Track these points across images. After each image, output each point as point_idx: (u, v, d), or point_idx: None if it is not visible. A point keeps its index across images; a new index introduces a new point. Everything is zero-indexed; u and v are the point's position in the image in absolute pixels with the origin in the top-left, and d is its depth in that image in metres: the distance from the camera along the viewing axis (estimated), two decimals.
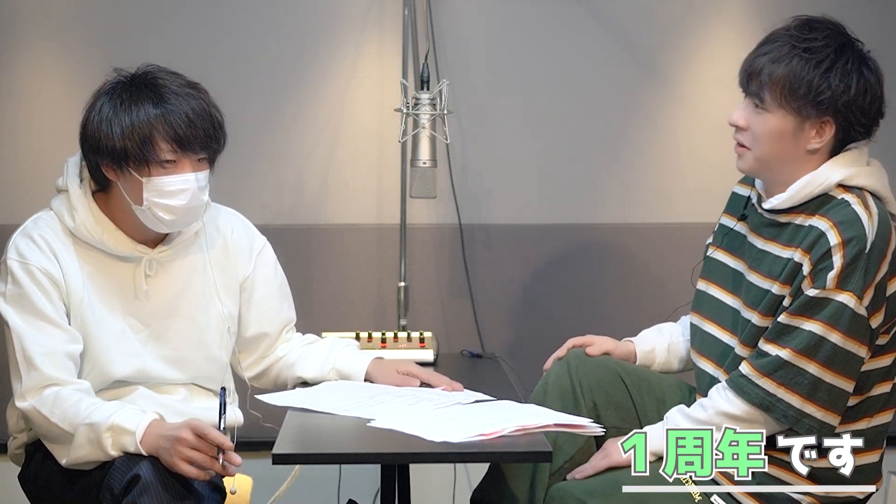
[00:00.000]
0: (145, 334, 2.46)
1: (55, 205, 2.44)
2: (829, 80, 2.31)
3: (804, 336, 2.28)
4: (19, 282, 2.35)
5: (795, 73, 2.31)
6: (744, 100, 2.40)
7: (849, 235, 2.26)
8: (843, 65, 2.32)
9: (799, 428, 2.29)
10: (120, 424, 2.21)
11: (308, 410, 2.35)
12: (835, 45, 2.33)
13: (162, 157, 2.35)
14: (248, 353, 2.64)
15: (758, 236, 2.44)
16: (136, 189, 2.37)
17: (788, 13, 3.70)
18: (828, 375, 2.28)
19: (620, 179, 3.66)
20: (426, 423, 2.20)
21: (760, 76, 2.35)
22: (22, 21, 3.54)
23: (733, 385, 2.35)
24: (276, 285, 2.64)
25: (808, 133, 2.34)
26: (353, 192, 3.63)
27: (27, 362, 2.31)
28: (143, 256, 2.44)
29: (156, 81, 2.38)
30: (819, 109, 2.32)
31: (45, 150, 3.57)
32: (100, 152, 2.37)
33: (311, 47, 3.59)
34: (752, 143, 2.38)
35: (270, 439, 2.15)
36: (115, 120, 2.35)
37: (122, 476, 2.19)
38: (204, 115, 2.38)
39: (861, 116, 2.33)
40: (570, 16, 3.62)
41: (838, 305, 2.26)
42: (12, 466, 2.55)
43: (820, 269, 2.27)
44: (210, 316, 2.52)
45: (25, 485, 2.48)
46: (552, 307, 3.64)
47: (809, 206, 2.35)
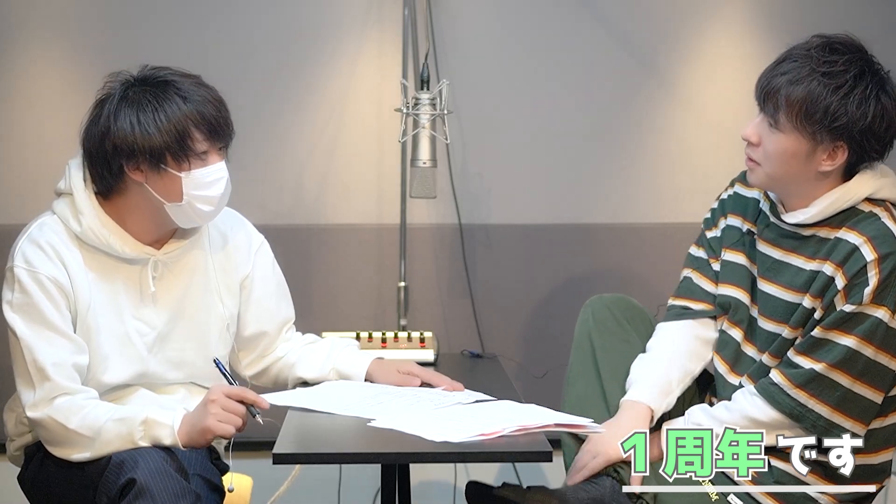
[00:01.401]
0: (151, 337, 2.45)
1: (58, 209, 2.42)
2: (846, 107, 2.28)
3: (839, 350, 2.28)
4: (27, 291, 2.33)
5: (813, 96, 2.29)
6: (758, 114, 2.38)
7: (884, 251, 2.26)
8: (861, 90, 2.29)
9: (827, 437, 2.29)
10: (154, 419, 2.26)
11: (308, 410, 2.35)
12: (855, 71, 2.30)
13: (198, 148, 2.36)
14: (248, 351, 2.64)
15: (774, 247, 2.43)
16: (171, 186, 2.36)
17: (788, 13, 3.72)
18: (858, 387, 2.29)
19: (620, 179, 3.66)
20: (426, 423, 2.20)
21: (777, 96, 2.32)
22: (22, 21, 3.54)
23: (763, 392, 2.35)
24: (273, 284, 2.64)
25: (819, 156, 2.33)
26: (353, 192, 3.63)
27: (39, 373, 2.29)
28: (150, 258, 2.44)
29: (168, 78, 2.38)
30: (834, 135, 2.30)
31: (45, 151, 3.57)
32: (132, 155, 2.34)
33: (311, 47, 3.59)
34: (763, 160, 2.37)
35: (270, 439, 2.15)
36: (146, 120, 2.33)
37: (116, 479, 2.19)
38: (222, 104, 2.41)
39: (876, 143, 2.32)
40: (570, 16, 3.62)
41: (874, 321, 2.26)
42: (11, 468, 2.55)
43: (855, 284, 2.27)
44: (211, 316, 2.52)
45: (24, 486, 2.47)
46: (552, 307, 3.64)
47: (834, 220, 2.34)
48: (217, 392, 2.27)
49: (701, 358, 2.54)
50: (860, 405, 2.30)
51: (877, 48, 2.38)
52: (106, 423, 2.26)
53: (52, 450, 2.32)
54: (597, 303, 2.64)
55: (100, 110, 2.38)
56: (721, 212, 2.58)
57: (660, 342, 2.55)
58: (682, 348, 2.53)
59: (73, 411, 2.28)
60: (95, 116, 2.39)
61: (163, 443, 2.26)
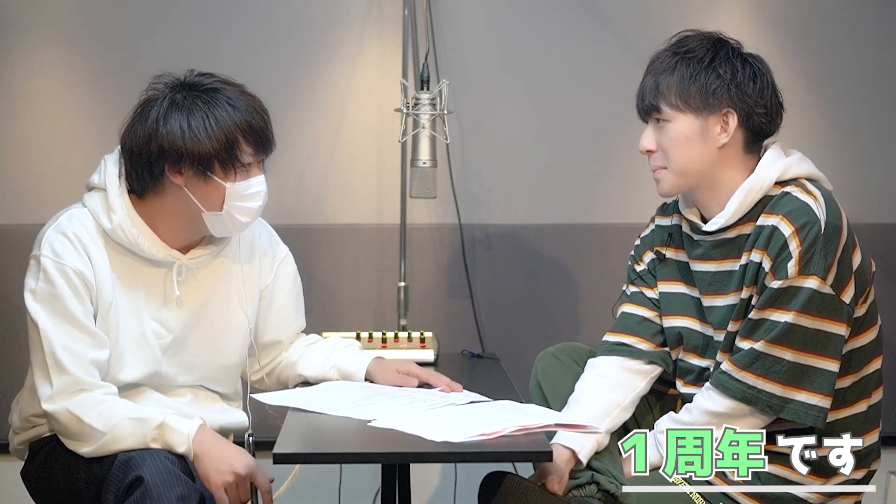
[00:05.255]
0: (168, 340, 2.45)
1: (90, 203, 2.41)
2: (716, 71, 2.37)
3: (775, 326, 2.30)
4: (53, 281, 2.32)
5: (683, 75, 2.38)
6: (646, 127, 2.45)
7: (801, 222, 2.30)
8: (724, 56, 2.39)
9: (787, 415, 2.31)
10: (171, 425, 2.26)
11: (303, 410, 2.35)
12: (711, 43, 2.41)
13: (245, 159, 2.37)
14: (260, 358, 2.64)
15: (707, 261, 2.44)
16: (214, 196, 2.37)
17: (788, 13, 3.72)
18: (805, 358, 2.30)
19: (620, 179, 3.66)
20: (427, 423, 2.20)
21: (654, 91, 2.41)
22: (22, 21, 3.54)
23: (715, 383, 2.37)
24: (294, 296, 2.66)
25: (713, 130, 2.38)
26: (353, 192, 3.63)
27: (57, 365, 2.29)
28: (175, 262, 2.44)
29: (216, 86, 2.38)
30: (715, 100, 2.37)
31: (45, 151, 3.57)
32: (178, 159, 2.33)
33: (311, 47, 3.59)
34: (665, 160, 2.42)
35: (271, 439, 2.15)
36: (197, 125, 2.33)
37: (123, 476, 2.19)
38: (267, 115, 2.42)
39: (758, 98, 2.37)
40: (570, 16, 3.63)
41: (804, 291, 2.28)
42: (14, 464, 2.55)
43: (780, 261, 2.30)
44: (230, 324, 2.53)
45: (28, 481, 2.48)
46: (552, 307, 3.64)
47: (753, 213, 2.37)
48: (254, 469, 2.28)
49: (630, 387, 2.53)
50: (811, 376, 2.30)
51: (877, 48, 2.39)
52: (122, 421, 2.26)
53: (66, 442, 2.31)
54: (542, 357, 2.66)
55: (146, 111, 2.37)
56: (645, 247, 2.61)
57: (586, 380, 2.55)
58: (607, 382, 2.53)
59: (91, 406, 2.28)
60: (142, 117, 2.37)
61: (175, 450, 2.25)
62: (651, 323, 2.55)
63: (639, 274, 2.59)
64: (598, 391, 2.51)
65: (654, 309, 2.56)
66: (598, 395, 2.50)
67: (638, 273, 2.60)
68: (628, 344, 2.54)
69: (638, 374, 2.53)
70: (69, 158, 3.54)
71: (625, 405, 2.51)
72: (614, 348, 2.55)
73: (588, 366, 2.57)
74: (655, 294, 2.56)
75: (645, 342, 2.54)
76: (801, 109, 3.58)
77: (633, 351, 2.53)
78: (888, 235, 3.65)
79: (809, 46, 3.65)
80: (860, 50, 3.65)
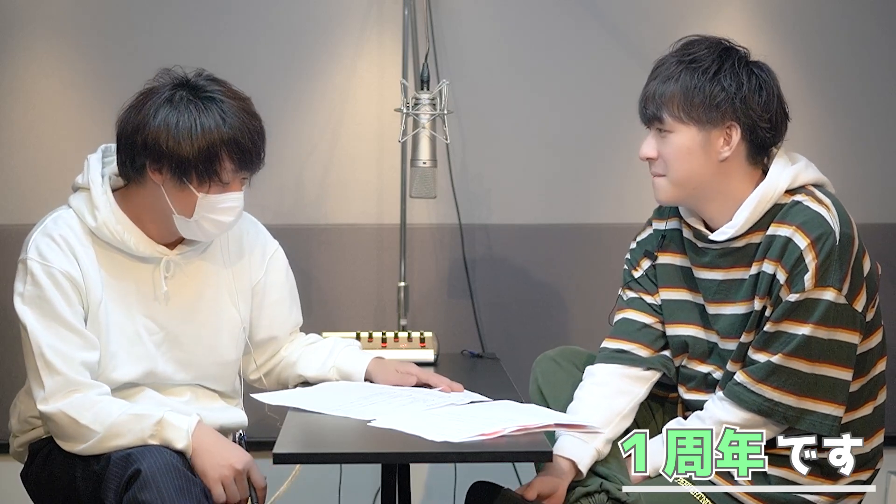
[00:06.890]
0: (160, 336, 2.45)
1: (75, 203, 2.41)
2: (720, 83, 2.33)
3: (792, 339, 2.29)
4: (40, 284, 2.32)
5: (687, 85, 2.34)
6: (648, 133, 2.42)
7: (816, 234, 2.28)
8: (730, 66, 2.34)
9: (802, 426, 2.30)
10: (169, 421, 2.26)
11: (302, 410, 2.35)
12: (718, 51, 2.36)
13: (224, 177, 2.35)
14: (256, 355, 2.64)
15: (714, 269, 2.43)
16: (186, 201, 2.35)
17: (789, 13, 3.72)
18: (820, 369, 2.29)
19: (620, 179, 3.66)
20: (427, 423, 2.19)
21: (657, 100, 2.36)
22: (22, 21, 3.54)
23: (730, 394, 2.35)
24: (287, 290, 2.65)
25: (715, 143, 2.35)
26: (353, 192, 3.63)
27: (47, 367, 2.29)
28: (163, 257, 2.43)
29: (215, 95, 2.35)
30: (719, 113, 2.33)
31: (45, 151, 3.57)
32: (159, 158, 2.32)
33: (311, 47, 3.59)
34: (665, 169, 2.39)
35: (270, 439, 2.15)
36: (183, 129, 2.30)
37: (122, 471, 2.19)
38: (261, 137, 2.39)
39: (763, 112, 2.34)
40: (569, 16, 3.62)
41: (821, 304, 2.27)
42: (13, 466, 2.55)
43: (795, 273, 2.28)
44: (223, 320, 2.52)
45: (27, 483, 2.48)
46: (552, 307, 3.64)
47: (763, 221, 2.35)
48: (251, 465, 2.29)
49: (630, 395, 2.50)
50: (826, 386, 2.29)
51: (877, 48, 2.39)
52: (119, 417, 2.27)
53: (60, 443, 2.32)
54: (542, 360, 2.65)
55: (144, 101, 2.36)
56: (641, 252, 2.58)
57: (585, 388, 2.53)
58: (607, 390, 2.50)
59: (86, 406, 2.28)
60: (138, 105, 2.36)
61: (174, 446, 2.25)
62: (652, 329, 2.53)
63: (637, 279, 2.57)
64: (599, 400, 2.49)
65: (654, 315, 2.54)
66: (599, 405, 2.48)
67: (636, 278, 2.58)
68: (628, 351, 2.52)
69: (638, 380, 2.51)
70: (69, 158, 3.53)
71: (625, 413, 2.49)
72: (614, 355, 2.53)
73: (586, 374, 2.55)
74: (656, 300, 2.54)
75: (645, 349, 2.52)
76: (801, 110, 3.56)
77: (633, 358, 2.52)
78: (888, 235, 3.65)
79: (809, 46, 3.64)
80: (860, 50, 3.65)
